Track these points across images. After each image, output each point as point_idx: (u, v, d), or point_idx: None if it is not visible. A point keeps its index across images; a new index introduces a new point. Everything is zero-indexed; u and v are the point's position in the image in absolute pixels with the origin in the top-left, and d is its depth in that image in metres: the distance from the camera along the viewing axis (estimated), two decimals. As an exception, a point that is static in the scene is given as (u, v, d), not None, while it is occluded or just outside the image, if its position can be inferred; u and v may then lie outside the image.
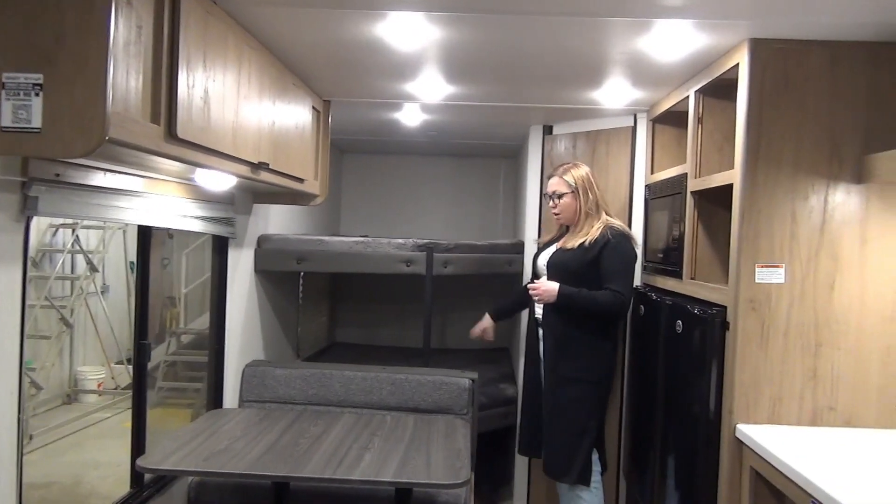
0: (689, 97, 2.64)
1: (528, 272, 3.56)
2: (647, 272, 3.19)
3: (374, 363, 3.33)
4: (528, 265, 3.58)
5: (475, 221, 5.28)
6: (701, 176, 2.56)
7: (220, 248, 3.05)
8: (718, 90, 2.50)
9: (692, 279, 2.59)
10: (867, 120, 2.16)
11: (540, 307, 2.95)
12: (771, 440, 2.06)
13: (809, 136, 2.17)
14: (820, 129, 2.17)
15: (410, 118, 3.70)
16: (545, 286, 2.82)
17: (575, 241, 2.87)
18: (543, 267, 2.98)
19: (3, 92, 1.44)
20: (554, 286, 2.80)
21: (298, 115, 2.81)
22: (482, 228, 5.22)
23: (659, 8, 1.92)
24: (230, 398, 3.07)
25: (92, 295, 6.18)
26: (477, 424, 3.05)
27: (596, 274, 2.81)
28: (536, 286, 2.85)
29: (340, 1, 1.96)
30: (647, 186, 3.26)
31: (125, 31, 1.51)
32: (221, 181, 2.41)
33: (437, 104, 3.27)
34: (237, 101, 2.11)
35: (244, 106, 2.17)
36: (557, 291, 2.78)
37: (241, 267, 3.20)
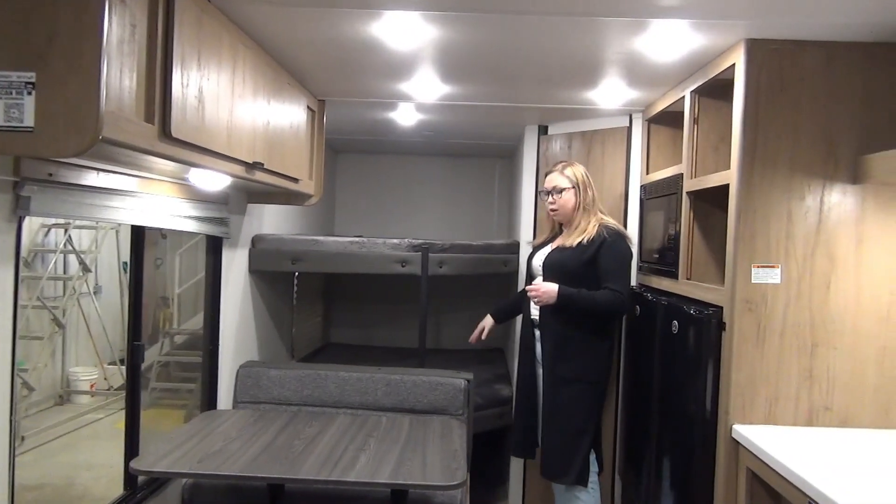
0: (684, 97, 2.64)
1: (523, 273, 3.55)
2: (642, 272, 3.19)
3: (368, 364, 3.32)
4: (523, 265, 3.57)
5: (470, 221, 5.26)
6: (697, 176, 2.56)
7: (214, 248, 3.03)
8: (714, 90, 2.50)
9: (688, 279, 2.59)
10: (863, 120, 2.16)
11: (536, 308, 2.93)
12: (767, 440, 2.06)
13: (805, 136, 2.18)
14: (816, 129, 2.17)
15: (405, 118, 3.69)
16: (544, 287, 2.80)
17: (573, 238, 2.87)
18: (539, 268, 2.97)
19: (-6, 90, 1.43)
20: (553, 287, 2.78)
21: (293, 114, 2.80)
22: (477, 228, 5.21)
23: (655, 8, 1.92)
24: (224, 399, 3.05)
25: (84, 295, 6.15)
26: (472, 425, 3.04)
27: (593, 273, 2.81)
28: (535, 288, 2.82)
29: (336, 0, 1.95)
30: (642, 187, 3.26)
31: (119, 29, 1.50)
32: (216, 181, 2.39)
33: (432, 104, 3.26)
34: (232, 100, 2.10)
35: (239, 105, 2.16)
36: (557, 292, 2.77)
37: (235, 267, 3.18)
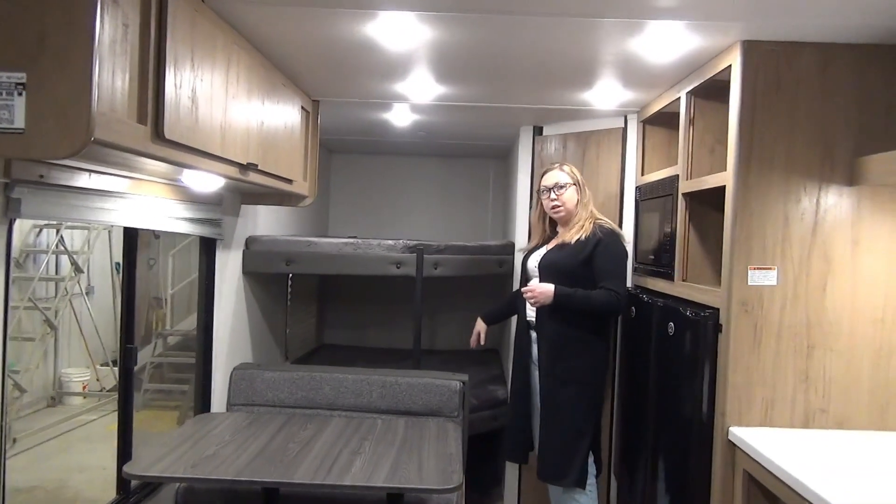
0: (680, 98, 2.64)
1: (518, 274, 3.54)
2: (638, 274, 3.18)
3: (363, 365, 3.31)
4: (517, 266, 3.56)
5: (465, 222, 5.25)
6: (692, 177, 2.56)
7: (207, 249, 3.01)
8: (710, 92, 2.50)
9: (684, 281, 2.59)
10: (859, 122, 2.16)
11: (532, 310, 2.92)
12: (764, 443, 2.05)
13: (801, 138, 2.17)
14: (812, 130, 2.17)
15: (400, 118, 3.68)
16: (540, 288, 2.78)
17: (572, 234, 2.86)
18: (534, 269, 2.95)
19: (-16, 91, 1.41)
20: (549, 287, 2.77)
21: (287, 115, 2.79)
22: (472, 229, 5.20)
23: (651, 9, 1.92)
24: (218, 402, 3.03)
25: (77, 296, 6.12)
26: (468, 427, 3.03)
27: (589, 273, 2.80)
28: (531, 289, 2.80)
29: (330, 0, 1.94)
30: (637, 188, 3.25)
31: (111, 29, 1.48)
32: (209, 182, 2.38)
33: (426, 105, 3.25)
34: (225, 101, 2.08)
35: (232, 106, 2.14)
36: (554, 292, 2.76)
37: (228, 268, 3.16)
